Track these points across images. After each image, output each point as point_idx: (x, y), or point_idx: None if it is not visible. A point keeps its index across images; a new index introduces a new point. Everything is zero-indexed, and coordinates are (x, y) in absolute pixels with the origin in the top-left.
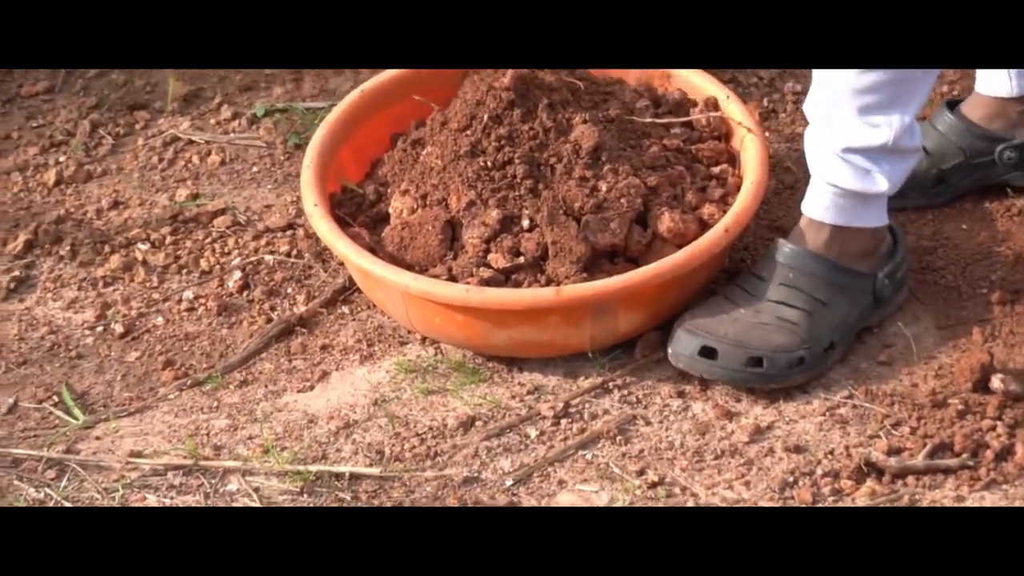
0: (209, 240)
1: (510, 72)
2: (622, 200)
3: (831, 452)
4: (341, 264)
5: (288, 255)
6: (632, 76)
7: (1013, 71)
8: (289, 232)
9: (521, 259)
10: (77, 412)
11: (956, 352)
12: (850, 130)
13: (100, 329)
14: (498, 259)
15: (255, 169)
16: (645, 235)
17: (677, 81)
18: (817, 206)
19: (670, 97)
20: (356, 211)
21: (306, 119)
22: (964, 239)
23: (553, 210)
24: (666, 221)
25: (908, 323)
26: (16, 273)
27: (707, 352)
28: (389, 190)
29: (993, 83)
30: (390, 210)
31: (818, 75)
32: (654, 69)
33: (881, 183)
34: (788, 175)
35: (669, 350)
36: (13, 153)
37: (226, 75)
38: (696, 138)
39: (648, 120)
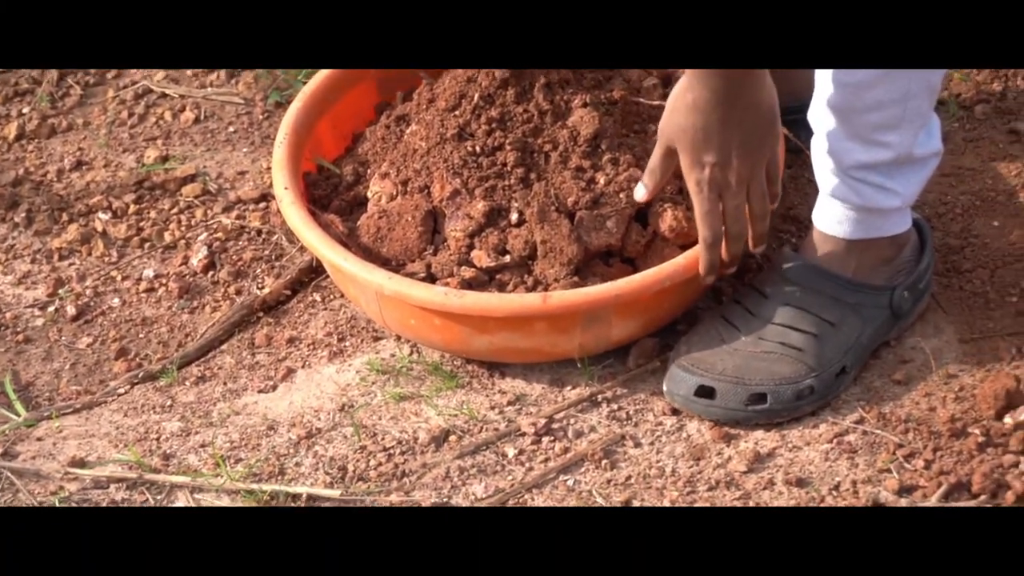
0: (175, 211)
1: None
2: (621, 195)
3: (836, 487)
4: None
5: (259, 232)
6: None
7: None
8: (262, 205)
9: (507, 258)
10: (19, 407)
11: (980, 371)
12: (857, 149)
13: (52, 310)
14: (482, 257)
15: (231, 129)
16: (645, 234)
17: None
18: (828, 219)
19: (681, 75)
20: (332, 193)
21: (289, 75)
22: (995, 237)
23: (544, 206)
24: (668, 219)
25: (928, 335)
26: None
27: (705, 392)
28: (369, 171)
29: None
30: (368, 194)
31: (819, 92)
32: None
33: (896, 197)
34: (806, 157)
35: (664, 387)
36: None
37: None
38: None
39: (656, 103)
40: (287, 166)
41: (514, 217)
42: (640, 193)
